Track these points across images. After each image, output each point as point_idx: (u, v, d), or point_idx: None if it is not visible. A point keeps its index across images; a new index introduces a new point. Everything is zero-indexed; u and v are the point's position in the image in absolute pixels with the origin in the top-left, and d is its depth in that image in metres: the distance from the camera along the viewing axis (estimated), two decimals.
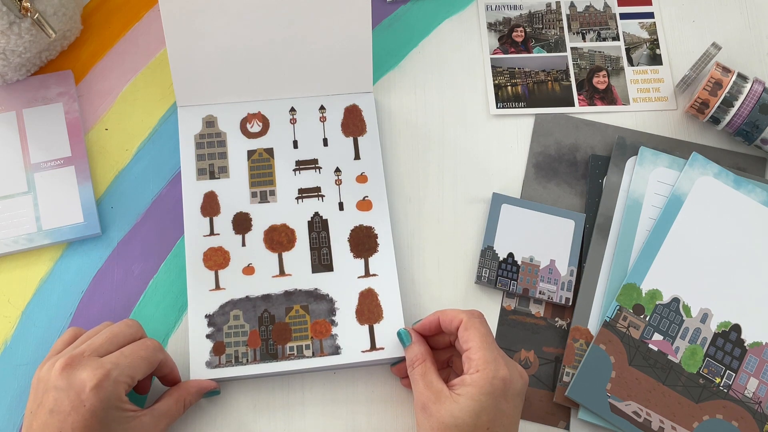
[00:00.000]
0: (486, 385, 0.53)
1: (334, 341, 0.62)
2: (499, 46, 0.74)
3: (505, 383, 0.53)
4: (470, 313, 0.57)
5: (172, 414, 0.57)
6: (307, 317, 0.63)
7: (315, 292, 0.64)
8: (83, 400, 0.51)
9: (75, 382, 0.52)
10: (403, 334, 0.60)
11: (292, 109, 0.69)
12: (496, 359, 0.54)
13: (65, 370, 0.52)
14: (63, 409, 0.52)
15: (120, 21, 0.73)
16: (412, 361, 0.58)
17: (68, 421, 0.51)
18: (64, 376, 0.52)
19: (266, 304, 0.63)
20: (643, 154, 0.68)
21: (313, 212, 0.66)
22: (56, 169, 0.67)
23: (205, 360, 0.61)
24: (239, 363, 0.61)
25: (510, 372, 0.54)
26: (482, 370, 0.53)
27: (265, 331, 0.62)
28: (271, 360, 0.61)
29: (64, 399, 0.52)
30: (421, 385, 0.56)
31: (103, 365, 0.53)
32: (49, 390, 0.52)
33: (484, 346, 0.55)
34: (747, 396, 0.61)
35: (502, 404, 0.53)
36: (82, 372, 0.52)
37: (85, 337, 0.57)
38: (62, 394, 0.52)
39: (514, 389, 0.54)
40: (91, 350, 0.54)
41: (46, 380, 0.53)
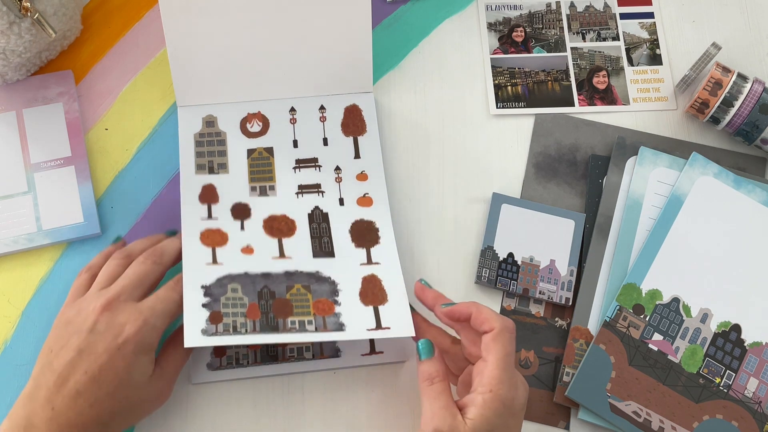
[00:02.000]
0: (499, 407, 0.51)
1: (337, 318, 0.59)
2: (499, 46, 0.74)
3: (514, 402, 0.52)
4: (504, 324, 0.53)
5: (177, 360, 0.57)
6: (308, 295, 0.60)
7: (317, 274, 0.61)
8: (119, 344, 0.52)
9: (114, 326, 0.53)
10: (424, 346, 0.56)
11: (292, 108, 0.69)
12: (511, 379, 0.53)
13: (104, 314, 0.53)
14: (95, 351, 0.52)
15: (120, 21, 0.73)
16: (431, 376, 0.54)
17: (98, 363, 0.52)
18: (103, 319, 0.53)
19: (266, 281, 0.60)
20: (643, 154, 0.68)
21: (313, 206, 0.65)
22: (56, 169, 0.67)
23: (201, 327, 0.57)
24: (237, 332, 0.57)
25: (522, 392, 0.53)
26: (495, 391, 0.51)
27: (265, 305, 0.59)
28: (272, 332, 0.58)
29: (98, 341, 0.52)
30: (436, 405, 0.52)
31: (142, 312, 0.54)
32: (81, 331, 0.53)
33: (503, 365, 0.52)
34: (747, 396, 0.61)
35: (510, 421, 0.53)
36: (120, 316, 0.53)
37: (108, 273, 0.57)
38: (97, 336, 0.53)
39: (519, 404, 0.53)
40: (127, 294, 0.55)
41: (80, 322, 0.53)
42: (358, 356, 0.62)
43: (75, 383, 0.52)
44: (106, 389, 0.52)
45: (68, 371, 0.52)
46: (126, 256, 0.59)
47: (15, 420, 0.52)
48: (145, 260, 0.57)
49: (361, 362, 0.62)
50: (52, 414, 0.52)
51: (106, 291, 0.55)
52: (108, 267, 0.58)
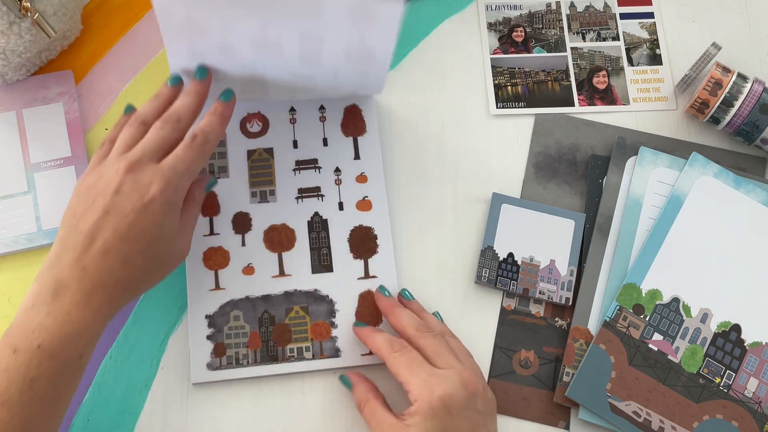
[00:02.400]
0: (427, 410, 0.53)
1: (333, 344, 0.62)
2: (499, 46, 0.74)
3: (443, 401, 0.53)
4: (389, 346, 0.57)
5: (194, 215, 0.59)
6: (307, 318, 0.63)
7: (315, 293, 0.64)
8: (146, 203, 0.53)
9: (139, 187, 0.53)
10: (344, 379, 0.61)
11: (291, 108, 0.69)
12: (427, 381, 0.54)
13: (128, 175, 0.54)
14: (122, 210, 0.53)
15: (120, 21, 0.73)
16: (359, 402, 0.58)
17: (125, 222, 0.53)
18: (128, 180, 0.54)
19: (266, 304, 0.63)
20: (643, 154, 0.68)
21: (312, 212, 0.66)
22: (56, 169, 0.67)
23: (206, 362, 0.61)
24: (240, 365, 0.61)
25: (449, 387, 0.54)
26: (419, 399, 0.54)
27: (266, 333, 0.62)
28: (271, 362, 0.62)
29: (125, 201, 0.53)
30: (373, 424, 0.56)
31: (165, 172, 0.54)
32: (106, 193, 0.53)
33: (412, 372, 0.55)
34: (747, 396, 0.61)
35: (449, 423, 0.53)
36: (144, 177, 0.54)
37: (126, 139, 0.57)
38: (123, 197, 0.53)
39: (457, 403, 0.54)
40: (148, 157, 0.55)
41: (103, 185, 0.54)
42: (358, 356, 0.62)
43: (104, 242, 0.52)
44: (137, 248, 0.53)
45: (95, 231, 0.52)
46: (141, 123, 0.58)
47: (43, 282, 0.52)
48: (164, 126, 0.57)
49: (361, 362, 0.62)
50: (83, 273, 0.52)
51: (127, 155, 0.55)
52: (125, 134, 0.57)
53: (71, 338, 0.51)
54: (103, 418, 0.61)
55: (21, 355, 0.49)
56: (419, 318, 0.61)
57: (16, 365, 0.49)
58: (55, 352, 0.50)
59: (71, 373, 0.51)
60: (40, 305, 0.51)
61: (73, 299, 0.51)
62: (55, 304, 0.51)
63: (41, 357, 0.49)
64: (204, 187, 0.62)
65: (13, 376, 0.49)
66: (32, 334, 0.50)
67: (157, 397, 0.62)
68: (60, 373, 0.50)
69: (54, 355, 0.50)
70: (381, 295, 0.63)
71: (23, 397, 0.49)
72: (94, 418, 0.61)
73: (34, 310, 0.51)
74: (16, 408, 0.49)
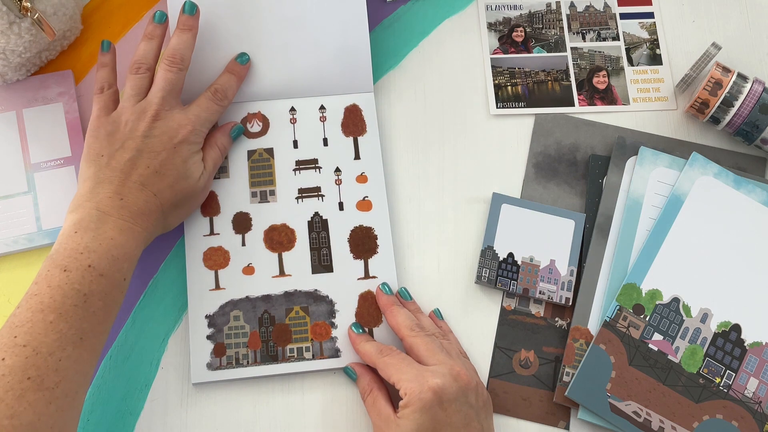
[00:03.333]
0: (416, 402, 0.54)
1: (333, 344, 0.62)
2: (499, 46, 0.74)
3: (434, 393, 0.54)
4: (378, 351, 0.59)
5: (214, 158, 0.64)
6: (307, 319, 0.63)
7: (315, 293, 0.64)
8: (175, 144, 0.60)
9: (168, 130, 0.60)
10: (348, 371, 0.62)
11: (292, 108, 0.69)
12: (419, 375, 0.55)
13: (156, 122, 0.60)
14: (154, 149, 0.59)
15: (120, 21, 0.73)
16: (362, 392, 0.60)
17: (158, 159, 0.59)
18: (157, 125, 0.60)
19: (266, 304, 0.63)
20: (643, 154, 0.68)
21: (313, 212, 0.66)
22: (56, 169, 0.67)
23: (206, 362, 0.61)
24: (240, 365, 0.61)
25: (440, 380, 0.55)
26: (409, 393, 0.55)
27: (266, 333, 0.62)
28: (271, 362, 0.62)
29: (156, 143, 0.59)
30: (373, 414, 0.58)
31: (190, 118, 0.61)
32: (135, 137, 0.59)
33: (401, 370, 0.56)
34: (747, 396, 0.62)
35: (440, 414, 0.54)
36: (171, 122, 0.60)
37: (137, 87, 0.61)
38: (154, 139, 0.59)
39: (448, 396, 0.54)
40: (168, 104, 0.61)
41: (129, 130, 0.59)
42: (358, 357, 0.62)
43: (139, 176, 0.58)
44: (168, 181, 0.59)
45: (130, 167, 0.58)
46: (147, 69, 0.62)
47: (84, 210, 0.56)
48: (171, 68, 0.61)
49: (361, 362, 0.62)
50: (122, 203, 0.57)
51: (149, 102, 0.60)
52: (135, 82, 0.62)
53: (117, 261, 0.55)
54: (103, 418, 0.61)
55: (72, 274, 0.53)
56: (415, 318, 0.61)
57: (69, 282, 0.53)
58: (104, 272, 0.54)
59: (118, 292, 0.55)
60: (84, 230, 0.55)
61: (116, 225, 0.56)
62: (100, 229, 0.55)
63: (92, 275, 0.53)
64: (228, 133, 0.66)
65: (68, 291, 0.52)
66: (81, 255, 0.54)
67: (157, 397, 0.62)
68: (109, 291, 0.54)
69: (103, 275, 0.54)
70: (381, 292, 0.63)
71: (78, 310, 0.52)
72: (94, 418, 0.61)
73: (78, 236, 0.54)
74: (73, 321, 0.52)
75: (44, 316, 0.51)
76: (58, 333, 0.51)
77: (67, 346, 0.51)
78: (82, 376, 0.52)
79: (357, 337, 0.62)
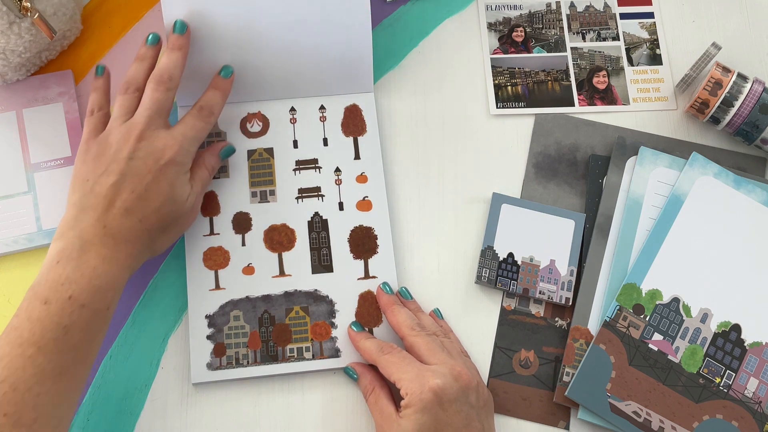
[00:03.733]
0: (417, 403, 0.54)
1: (333, 344, 0.62)
2: (499, 46, 0.74)
3: (435, 393, 0.54)
4: (379, 349, 0.59)
5: (202, 178, 0.62)
6: (306, 318, 0.63)
7: (315, 293, 0.64)
8: (161, 166, 0.57)
9: (154, 152, 0.57)
10: (349, 371, 0.61)
11: (292, 108, 0.69)
12: (419, 375, 0.55)
13: (141, 142, 0.57)
14: (139, 173, 0.57)
15: (120, 21, 0.73)
16: (364, 392, 0.60)
17: (143, 182, 0.57)
18: (141, 146, 0.57)
19: (266, 304, 0.63)
20: (643, 154, 0.68)
21: (313, 212, 0.66)
22: (56, 169, 0.67)
23: (206, 362, 0.61)
24: (240, 365, 0.61)
25: (440, 380, 0.54)
26: (410, 393, 0.55)
27: (266, 333, 0.62)
28: (271, 362, 0.62)
29: (141, 165, 0.57)
30: (375, 413, 0.58)
31: (176, 138, 0.59)
32: (119, 160, 0.57)
33: (402, 369, 0.56)
34: (747, 396, 0.61)
35: (441, 415, 0.54)
36: (157, 143, 0.58)
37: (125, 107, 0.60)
38: (139, 161, 0.57)
39: (448, 396, 0.54)
40: (155, 123, 0.59)
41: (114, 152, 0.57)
42: (358, 357, 0.62)
43: (123, 202, 0.56)
44: (153, 205, 0.57)
45: (114, 193, 0.56)
46: (135, 90, 0.61)
47: (67, 239, 0.55)
48: (159, 87, 0.60)
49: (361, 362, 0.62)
50: (105, 231, 0.55)
51: (134, 123, 0.59)
52: (123, 102, 0.60)
53: (100, 290, 0.53)
54: (103, 418, 0.61)
55: (53, 306, 0.52)
56: (416, 317, 0.61)
57: (48, 315, 0.51)
58: (86, 303, 0.53)
59: (101, 323, 0.54)
60: (66, 260, 0.53)
61: (99, 254, 0.54)
62: (82, 259, 0.54)
63: (73, 307, 0.52)
64: (218, 154, 0.65)
65: (48, 324, 0.51)
66: (62, 287, 0.52)
67: (157, 397, 0.62)
68: (91, 322, 0.53)
69: (85, 306, 0.52)
70: (382, 291, 0.63)
71: (58, 344, 0.51)
72: (94, 418, 0.61)
73: (60, 266, 0.53)
74: (52, 354, 0.51)
75: (23, 350, 0.50)
76: (37, 367, 0.50)
77: (46, 381, 0.50)
78: (64, 410, 0.51)
79: (357, 334, 0.62)
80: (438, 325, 0.63)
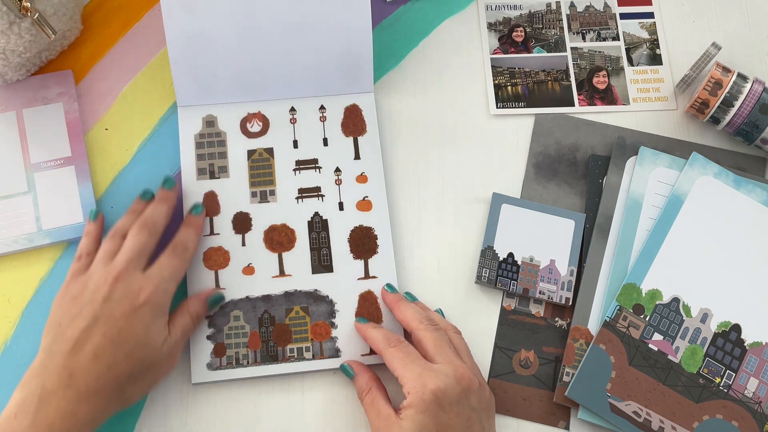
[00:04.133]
0: (419, 403, 0.54)
1: (333, 344, 0.62)
2: (499, 46, 0.74)
3: (436, 395, 0.54)
4: (386, 341, 0.58)
5: (183, 326, 0.59)
6: (307, 318, 0.63)
7: (315, 293, 0.64)
8: (136, 308, 0.55)
9: (129, 293, 0.56)
10: (345, 368, 0.61)
11: (292, 108, 0.69)
12: (421, 375, 0.55)
13: (117, 284, 0.56)
14: (112, 316, 0.55)
15: (120, 21, 0.73)
16: (360, 391, 0.59)
17: (116, 326, 0.54)
18: (118, 287, 0.56)
19: (266, 304, 0.63)
20: (643, 154, 0.68)
21: (313, 212, 0.66)
22: (56, 169, 0.67)
23: (206, 362, 0.61)
24: (240, 365, 0.61)
25: (441, 381, 0.54)
26: (411, 392, 0.54)
27: (266, 333, 0.62)
28: (271, 362, 0.62)
29: (115, 307, 0.55)
30: (372, 414, 0.57)
31: (152, 278, 0.57)
32: (95, 301, 0.55)
33: (406, 366, 0.56)
34: (747, 396, 0.62)
35: (442, 417, 0.54)
36: (133, 284, 0.56)
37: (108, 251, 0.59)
38: (113, 303, 0.55)
39: (449, 398, 0.54)
40: (133, 265, 0.57)
41: (90, 294, 0.56)
42: (359, 356, 0.62)
43: (93, 347, 0.54)
44: (124, 350, 0.54)
45: (84, 337, 0.54)
46: (121, 236, 0.60)
47: (28, 389, 0.53)
48: (140, 232, 0.59)
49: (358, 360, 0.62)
50: (69, 381, 0.53)
51: (113, 265, 0.57)
52: (106, 246, 0.60)
53: None
54: None
55: None
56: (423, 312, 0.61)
57: None
58: None
59: None
60: (24, 414, 0.51)
61: (58, 409, 0.52)
62: (40, 413, 0.51)
63: None
64: (205, 301, 0.62)
65: None
66: None
67: (157, 397, 0.62)
68: None
69: None
70: (386, 291, 0.63)
71: None
72: None
73: (17, 421, 0.51)
74: None
75: None
76: None
77: None
78: None
79: (364, 324, 0.61)
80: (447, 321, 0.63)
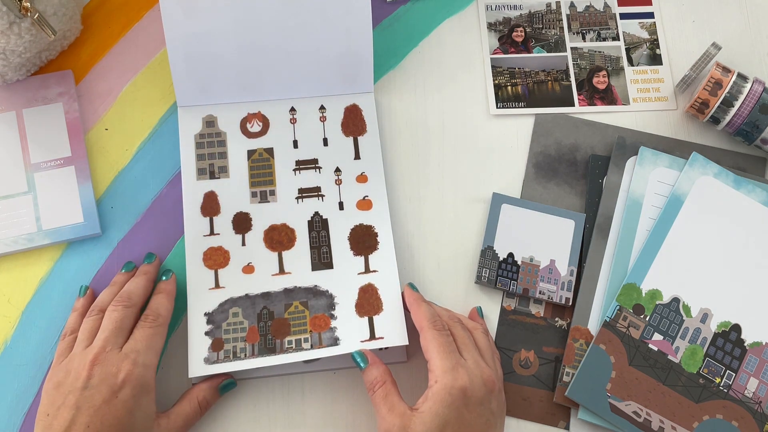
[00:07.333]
0: (446, 396, 0.53)
1: (332, 333, 0.62)
2: (499, 46, 0.74)
3: (464, 392, 0.54)
4: (431, 321, 0.57)
5: (186, 413, 0.58)
6: (306, 312, 0.63)
7: (315, 288, 0.64)
8: (116, 391, 0.54)
9: (107, 377, 0.54)
10: (358, 356, 0.59)
11: (292, 108, 0.69)
12: (455, 368, 0.54)
13: (94, 368, 0.54)
14: (93, 404, 0.53)
15: (120, 21, 0.73)
16: (372, 384, 0.57)
17: (98, 414, 0.53)
18: (96, 372, 0.54)
19: (265, 301, 0.63)
20: (643, 154, 0.68)
21: (313, 212, 0.66)
22: (56, 169, 0.67)
23: (204, 356, 0.61)
24: (237, 358, 0.61)
25: (471, 380, 0.54)
26: (440, 381, 0.54)
27: (264, 327, 0.62)
28: (269, 354, 0.61)
29: (94, 394, 0.54)
30: (384, 409, 0.55)
31: (128, 355, 0.55)
32: (75, 389, 0.54)
33: (442, 355, 0.55)
34: (747, 396, 0.62)
35: (465, 415, 0.53)
36: (110, 366, 0.55)
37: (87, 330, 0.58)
38: (93, 390, 0.54)
39: (475, 398, 0.54)
40: (111, 344, 0.56)
41: (71, 381, 0.54)
42: (358, 342, 0.61)
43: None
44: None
45: (69, 428, 0.53)
46: (99, 311, 0.60)
47: None
48: (116, 307, 0.59)
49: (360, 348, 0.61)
50: None
51: (91, 348, 0.56)
52: (86, 325, 0.59)
53: None
54: None
55: None
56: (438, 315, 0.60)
57: None
58: None
59: None
60: None
61: None
62: None
63: None
64: (216, 389, 0.61)
65: None
66: None
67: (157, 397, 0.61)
68: None
69: None
70: (410, 289, 0.62)
71: None
72: None
73: None
74: None
75: None
76: None
77: None
78: None
79: (414, 294, 0.61)
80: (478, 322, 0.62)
